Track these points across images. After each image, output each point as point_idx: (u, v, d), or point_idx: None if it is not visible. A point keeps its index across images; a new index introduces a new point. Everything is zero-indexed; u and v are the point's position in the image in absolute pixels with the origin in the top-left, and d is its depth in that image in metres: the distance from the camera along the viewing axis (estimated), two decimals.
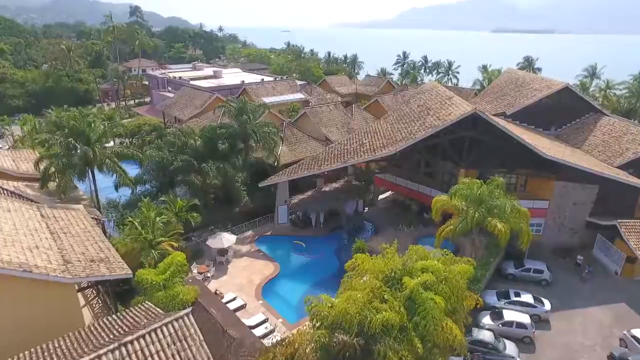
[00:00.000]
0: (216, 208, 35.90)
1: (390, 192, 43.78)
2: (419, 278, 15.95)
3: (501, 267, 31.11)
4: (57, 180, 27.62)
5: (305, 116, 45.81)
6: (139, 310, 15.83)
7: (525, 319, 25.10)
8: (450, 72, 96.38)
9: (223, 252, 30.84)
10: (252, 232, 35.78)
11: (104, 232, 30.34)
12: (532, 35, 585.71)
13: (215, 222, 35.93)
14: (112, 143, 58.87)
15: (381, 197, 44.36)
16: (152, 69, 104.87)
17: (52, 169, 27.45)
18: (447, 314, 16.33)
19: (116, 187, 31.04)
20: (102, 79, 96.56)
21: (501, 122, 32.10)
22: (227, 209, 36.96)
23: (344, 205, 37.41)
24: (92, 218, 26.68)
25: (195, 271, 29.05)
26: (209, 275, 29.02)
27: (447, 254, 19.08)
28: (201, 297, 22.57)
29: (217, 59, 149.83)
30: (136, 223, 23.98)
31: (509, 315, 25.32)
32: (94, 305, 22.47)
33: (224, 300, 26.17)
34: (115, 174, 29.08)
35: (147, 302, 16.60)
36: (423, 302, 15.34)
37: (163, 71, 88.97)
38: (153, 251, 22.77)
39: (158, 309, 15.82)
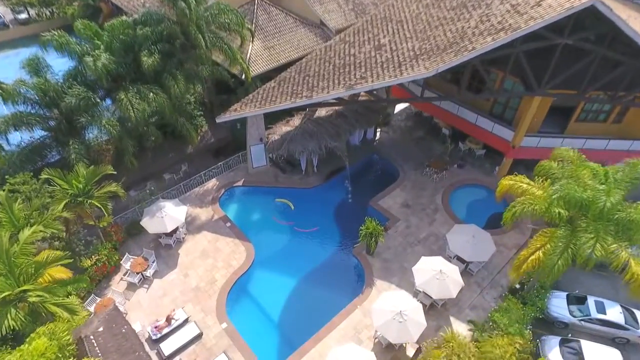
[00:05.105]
0: (162, 149, 24.53)
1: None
2: None
3: None
4: None
5: None
6: None
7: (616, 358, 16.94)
8: None
9: (171, 231, 20.84)
10: (217, 180, 25.08)
11: None
12: None
13: (160, 171, 24.99)
14: (25, 14, 42.85)
15: (398, 107, 32.06)
16: None
17: None
18: None
19: None
20: None
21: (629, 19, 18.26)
22: (177, 150, 25.54)
23: (349, 140, 25.86)
24: None
25: (128, 266, 19.62)
26: (148, 274, 19.66)
27: None
28: None
29: None
30: None
31: (592, 353, 16.94)
32: None
33: (172, 326, 17.54)
34: None
35: None
36: None
37: None
38: (13, 310, 12.73)
39: None
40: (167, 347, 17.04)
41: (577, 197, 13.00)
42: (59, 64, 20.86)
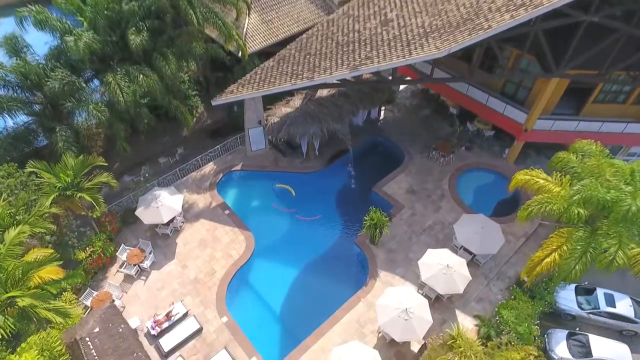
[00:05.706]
0: (156, 132, 23.41)
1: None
2: None
3: None
4: None
5: None
6: None
7: (625, 356, 16.60)
8: None
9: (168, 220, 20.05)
10: (214, 164, 24.06)
11: None
12: None
13: (155, 154, 23.95)
14: None
15: (403, 86, 30.50)
16: None
17: None
18: None
19: None
20: None
21: None
22: (172, 133, 24.38)
23: (352, 120, 24.63)
24: None
25: (124, 258, 19.01)
26: (145, 265, 19.06)
27: None
28: None
29: None
30: None
31: (599, 348, 16.60)
32: None
33: (171, 321, 17.09)
34: None
35: None
36: None
37: None
38: (1, 318, 12.12)
39: None
40: (167, 342, 16.66)
41: (600, 198, 12.09)
42: (45, 37, 19.33)
